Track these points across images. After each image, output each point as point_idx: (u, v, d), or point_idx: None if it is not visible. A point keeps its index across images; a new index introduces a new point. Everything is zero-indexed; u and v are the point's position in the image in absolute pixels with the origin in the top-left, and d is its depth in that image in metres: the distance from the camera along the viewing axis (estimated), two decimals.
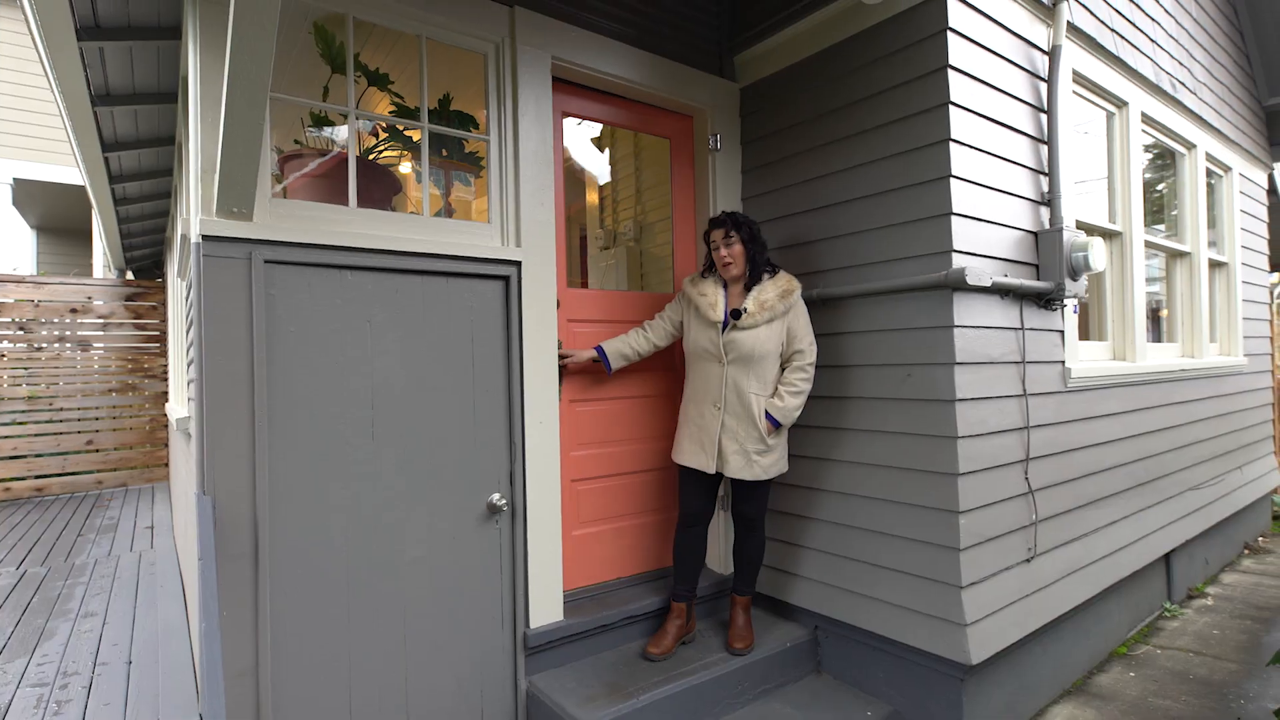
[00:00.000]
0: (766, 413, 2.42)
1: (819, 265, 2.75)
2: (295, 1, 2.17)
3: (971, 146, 2.42)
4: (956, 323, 2.31)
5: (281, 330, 1.99)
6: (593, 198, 4.38)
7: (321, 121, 2.77)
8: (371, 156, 2.79)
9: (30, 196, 8.46)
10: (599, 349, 2.62)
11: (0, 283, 6.44)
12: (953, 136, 2.34)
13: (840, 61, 2.70)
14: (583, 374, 2.73)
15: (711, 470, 2.45)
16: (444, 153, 2.78)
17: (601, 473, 2.78)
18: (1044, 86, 2.80)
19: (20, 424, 6.40)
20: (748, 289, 2.47)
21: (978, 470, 2.33)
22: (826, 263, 2.73)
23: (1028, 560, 2.52)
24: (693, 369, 2.57)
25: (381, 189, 2.50)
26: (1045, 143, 2.78)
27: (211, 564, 1.72)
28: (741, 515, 2.58)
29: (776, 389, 2.46)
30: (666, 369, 2.99)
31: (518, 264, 2.44)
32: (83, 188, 8.04)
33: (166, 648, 2.69)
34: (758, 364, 2.41)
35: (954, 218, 2.33)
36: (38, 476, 6.46)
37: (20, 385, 6.42)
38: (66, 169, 7.97)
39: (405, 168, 3.04)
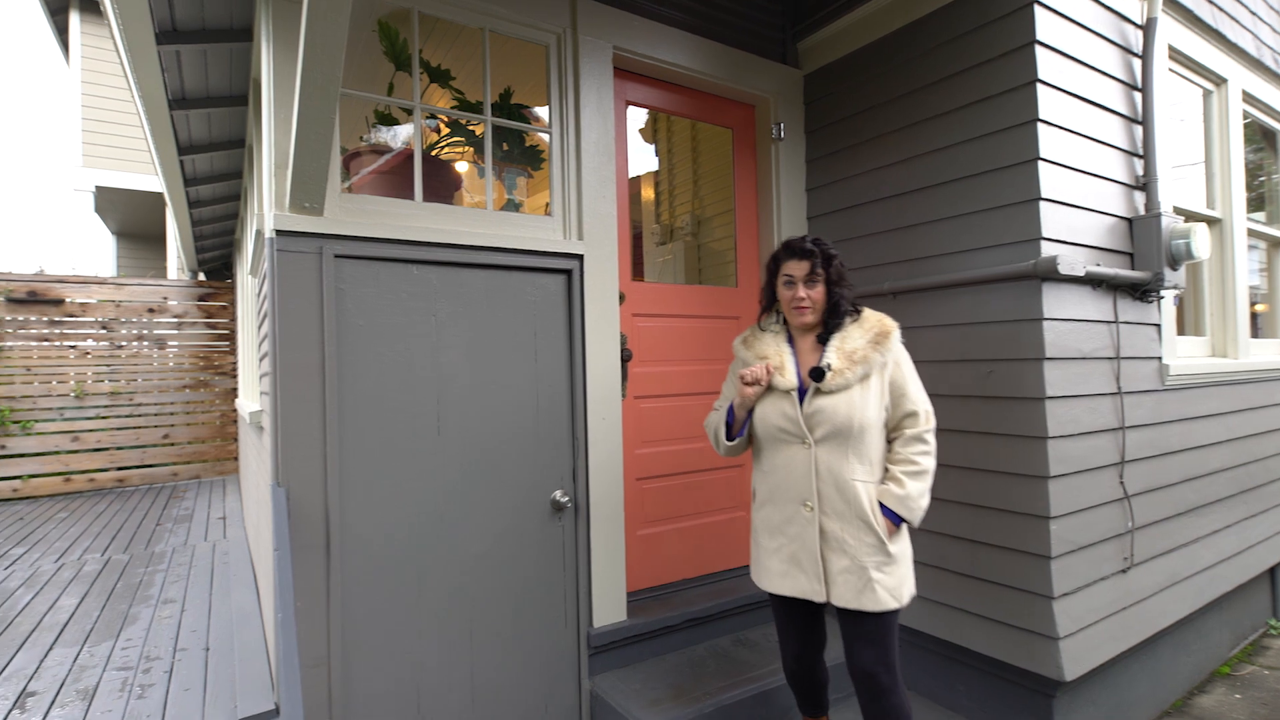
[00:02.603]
0: (882, 506, 1.74)
1: (890, 257, 2.63)
2: None
3: (1060, 127, 2.27)
4: (1046, 315, 2.16)
5: (350, 323, 2.00)
6: (648, 193, 4.33)
7: (387, 120, 2.80)
8: (434, 152, 2.80)
9: (111, 203, 8.95)
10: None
11: (85, 284, 6.82)
12: (1041, 116, 2.20)
13: (913, 43, 2.57)
14: (646, 370, 2.68)
15: (822, 599, 1.76)
16: (504, 146, 2.77)
17: (666, 471, 2.72)
18: (1138, 63, 2.61)
19: (104, 418, 6.76)
20: (823, 339, 1.83)
21: (1069, 473, 2.18)
22: (898, 254, 2.60)
23: (1124, 570, 2.34)
24: (765, 456, 1.88)
25: (444, 184, 2.50)
26: (1140, 123, 2.59)
27: (287, 554, 1.74)
28: (861, 666, 1.73)
29: (886, 471, 1.79)
30: (729, 359, 2.90)
31: (580, 257, 2.40)
32: (158, 194, 8.48)
33: (241, 635, 2.76)
34: (858, 440, 1.73)
35: (1043, 203, 2.19)
36: (119, 468, 6.81)
37: (103, 381, 6.78)
38: (143, 176, 8.39)
39: (461, 166, 3.05)
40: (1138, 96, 2.59)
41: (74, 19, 8.40)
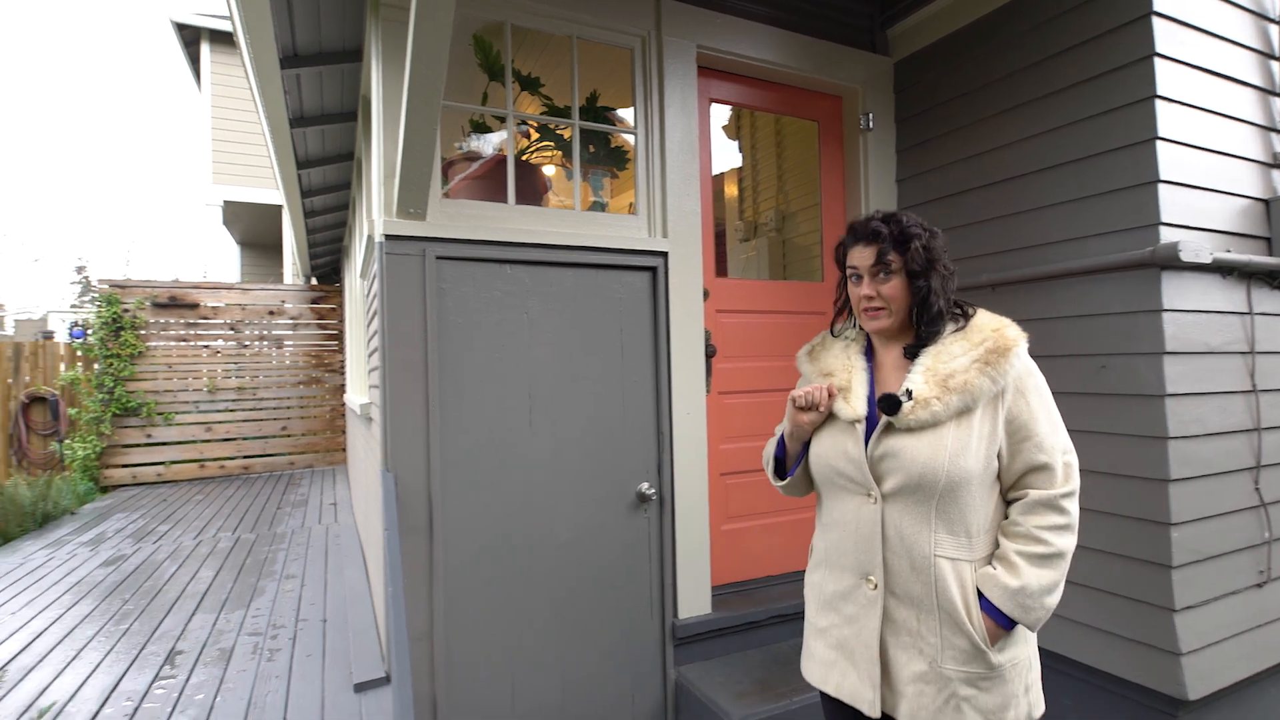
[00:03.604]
0: (983, 598, 1.22)
1: (989, 248, 2.51)
2: (460, 15, 2.31)
3: (1182, 103, 2.10)
4: (1166, 306, 2.00)
5: (450, 321, 2.13)
6: (731, 189, 4.32)
7: (480, 128, 2.95)
8: (525, 157, 2.92)
9: (236, 216, 9.84)
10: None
11: (216, 289, 7.54)
12: (1159, 93, 2.04)
13: (1012, 23, 2.44)
14: (730, 366, 2.69)
15: (875, 712, 1.27)
16: (591, 149, 2.85)
17: (751, 467, 2.72)
18: (1275, 30, 2.37)
19: (231, 411, 7.46)
20: (912, 353, 1.33)
21: (1194, 477, 2.01)
22: (998, 244, 2.48)
23: (1259, 585, 2.14)
24: (824, 505, 1.43)
25: (534, 187, 2.61)
26: (1278, 95, 2.35)
27: (395, 534, 1.88)
28: None
29: (998, 545, 1.26)
30: None
31: (664, 254, 2.44)
32: (276, 206, 9.24)
33: (354, 609, 3.00)
34: (946, 498, 1.23)
35: (1161, 185, 2.03)
36: (245, 456, 7.50)
37: (231, 378, 7.48)
38: (263, 190, 9.17)
39: (549, 169, 3.17)
40: (1275, 66, 2.35)
41: (204, 49, 9.30)
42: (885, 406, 1.25)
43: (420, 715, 1.99)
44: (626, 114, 2.70)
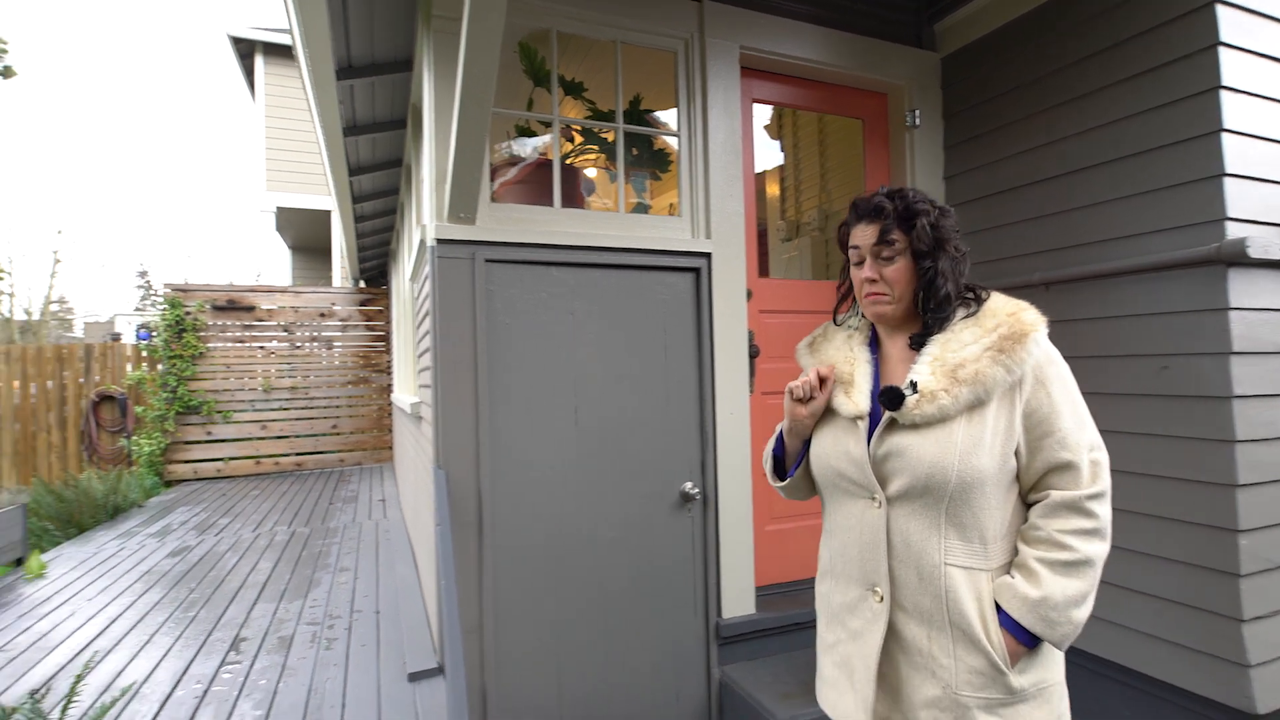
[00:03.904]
0: (1001, 612, 1.10)
1: (1042, 245, 2.45)
2: (507, 23, 2.37)
3: (1249, 93, 2.02)
4: (1232, 304, 1.93)
5: (498, 322, 2.19)
6: (773, 189, 4.30)
7: (525, 132, 3.01)
8: (569, 161, 2.97)
9: (288, 221, 10.20)
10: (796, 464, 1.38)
11: (270, 292, 7.83)
12: (1224, 83, 1.96)
13: (1066, 15, 2.38)
14: (773, 366, 2.68)
15: None
16: (634, 151, 2.88)
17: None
18: None
19: (285, 409, 7.74)
20: (919, 342, 1.21)
21: (1264, 482, 1.93)
22: (1051, 242, 2.42)
23: None
24: (828, 509, 1.33)
25: (578, 190, 2.66)
26: None
27: (448, 529, 1.94)
28: None
29: (1017, 553, 1.14)
30: None
31: (708, 255, 2.46)
32: (325, 211, 9.53)
33: (405, 602, 3.09)
34: (958, 501, 1.11)
35: (1227, 179, 1.96)
36: (298, 454, 7.77)
37: (284, 377, 7.76)
38: (313, 196, 9.48)
39: (590, 173, 3.21)
40: None
41: (259, 61, 9.67)
42: (887, 400, 1.15)
43: (472, 706, 2.05)
44: (668, 116, 2.72)
